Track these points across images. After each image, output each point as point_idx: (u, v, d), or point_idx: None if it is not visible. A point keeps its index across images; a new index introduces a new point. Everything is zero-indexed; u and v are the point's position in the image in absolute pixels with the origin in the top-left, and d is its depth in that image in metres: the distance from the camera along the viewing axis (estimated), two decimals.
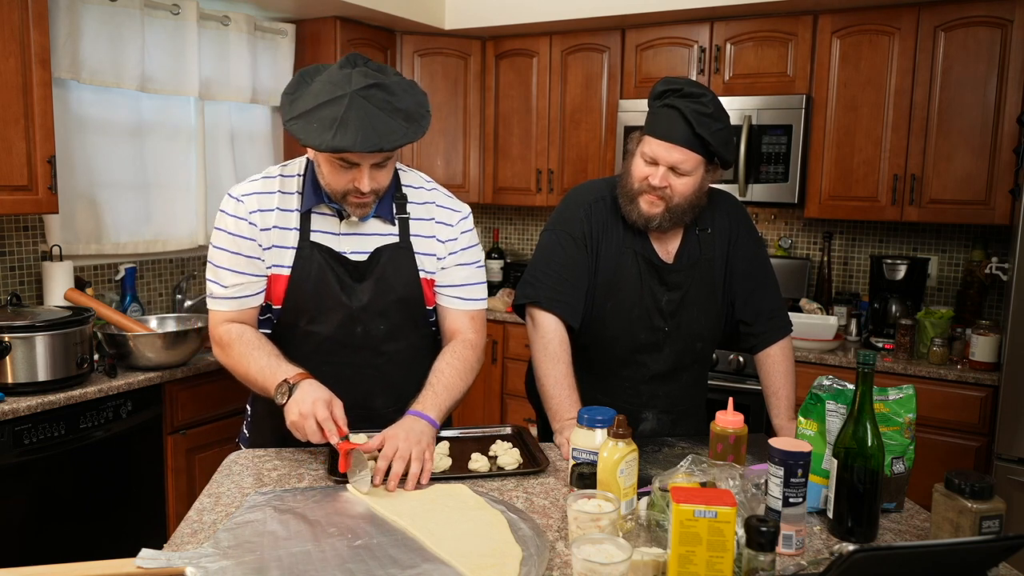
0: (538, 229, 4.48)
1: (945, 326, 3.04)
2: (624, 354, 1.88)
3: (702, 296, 1.87)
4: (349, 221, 1.66)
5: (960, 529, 1.21)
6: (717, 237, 1.88)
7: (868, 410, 1.30)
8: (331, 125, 1.44)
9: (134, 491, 2.65)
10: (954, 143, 3.05)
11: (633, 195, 1.76)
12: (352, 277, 1.66)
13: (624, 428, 1.32)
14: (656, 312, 1.84)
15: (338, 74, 1.49)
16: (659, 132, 1.69)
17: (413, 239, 1.70)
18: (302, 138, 1.47)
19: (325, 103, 1.46)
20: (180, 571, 1.14)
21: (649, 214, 1.75)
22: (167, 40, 3.15)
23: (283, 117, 1.53)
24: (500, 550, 1.20)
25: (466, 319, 1.76)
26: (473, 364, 1.72)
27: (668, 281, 1.84)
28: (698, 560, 1.08)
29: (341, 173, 1.54)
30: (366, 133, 1.44)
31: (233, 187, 1.68)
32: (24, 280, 2.90)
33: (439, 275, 1.74)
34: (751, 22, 3.38)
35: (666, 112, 1.69)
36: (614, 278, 1.83)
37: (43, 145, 2.53)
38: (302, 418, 1.44)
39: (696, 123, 1.65)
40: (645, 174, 1.72)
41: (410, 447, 1.46)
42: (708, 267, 1.87)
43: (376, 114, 1.46)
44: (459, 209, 1.77)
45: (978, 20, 2.97)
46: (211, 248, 1.67)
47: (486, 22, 3.77)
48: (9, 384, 2.32)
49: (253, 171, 3.64)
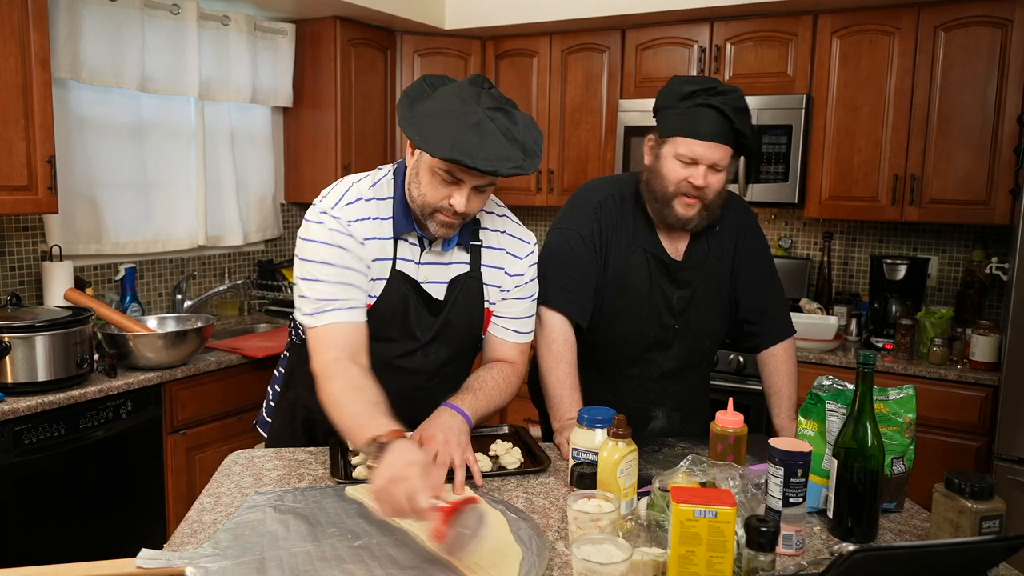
0: (538, 229, 4.47)
1: (945, 326, 3.04)
2: (634, 352, 1.87)
3: (710, 294, 1.86)
4: (430, 251, 1.61)
5: (960, 529, 1.21)
6: (725, 235, 1.87)
7: (868, 410, 1.30)
8: (453, 135, 1.39)
9: (134, 491, 2.65)
10: (954, 143, 3.05)
11: (668, 198, 1.72)
12: (430, 312, 1.62)
13: (624, 428, 1.32)
14: (666, 310, 1.83)
15: (468, 89, 1.47)
16: (702, 132, 1.66)
17: (483, 269, 1.66)
18: (420, 141, 1.42)
19: (451, 112, 1.42)
20: (180, 571, 1.14)
21: (687, 216, 1.73)
22: (167, 40, 3.15)
23: (399, 115, 1.48)
24: (500, 550, 1.20)
25: (516, 351, 1.72)
26: (514, 390, 1.69)
27: (678, 279, 1.83)
28: (698, 560, 1.08)
29: (441, 187, 1.48)
30: (487, 153, 1.39)
31: (322, 201, 1.56)
32: (24, 280, 2.90)
33: (499, 305, 1.70)
34: (751, 22, 3.38)
35: (703, 111, 1.66)
36: (624, 276, 1.82)
37: (43, 145, 2.53)
38: (392, 484, 1.19)
39: (736, 119, 1.65)
40: (683, 175, 1.69)
41: (450, 452, 1.42)
42: (716, 265, 1.86)
43: (499, 137, 1.41)
44: (528, 241, 1.71)
45: (978, 20, 2.97)
46: (306, 266, 1.53)
47: (486, 22, 3.77)
48: (9, 384, 2.32)
49: (253, 171, 3.67)
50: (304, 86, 3.71)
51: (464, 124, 1.40)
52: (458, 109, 1.42)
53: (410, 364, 1.66)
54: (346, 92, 3.64)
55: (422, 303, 1.61)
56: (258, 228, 3.74)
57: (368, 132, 3.80)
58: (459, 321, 1.65)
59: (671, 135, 1.70)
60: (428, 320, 1.62)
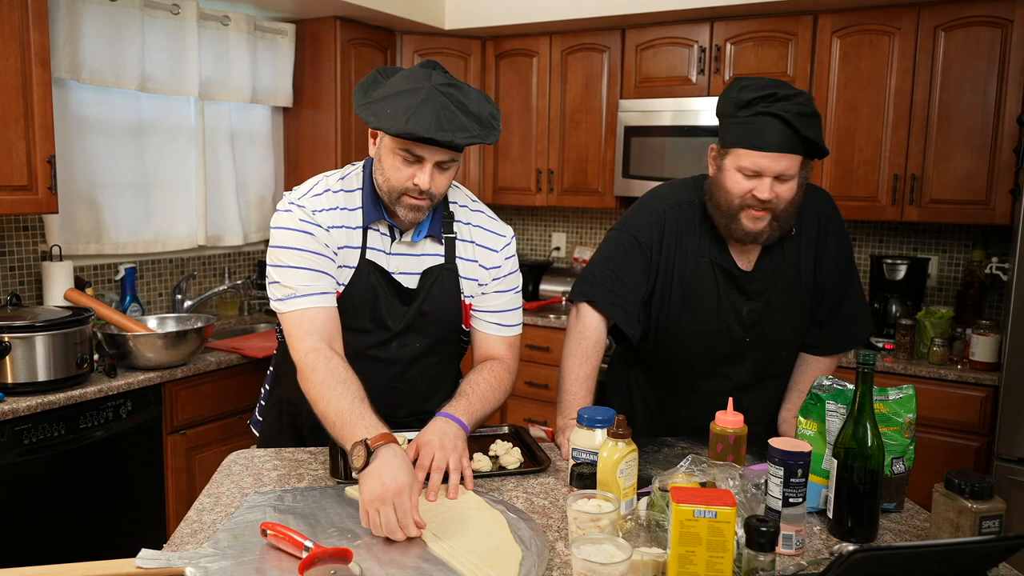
0: (538, 229, 4.48)
1: (945, 326, 3.04)
2: (703, 367, 1.79)
3: (786, 303, 1.75)
4: (400, 241, 1.64)
5: (960, 529, 1.21)
6: (804, 239, 1.75)
7: (868, 410, 1.30)
8: (406, 111, 1.43)
9: (134, 491, 2.65)
10: (954, 143, 3.05)
11: (734, 212, 1.63)
12: (401, 301, 1.64)
13: (624, 428, 1.32)
14: (736, 323, 1.74)
15: (419, 71, 1.51)
16: (766, 144, 1.55)
17: (458, 261, 1.68)
18: (374, 121, 1.46)
19: (403, 92, 1.46)
20: (180, 571, 1.14)
21: (755, 230, 1.63)
22: (167, 40, 3.15)
23: (355, 103, 1.52)
24: (500, 550, 1.20)
25: (503, 345, 1.73)
26: (507, 387, 1.70)
27: (748, 290, 1.74)
28: (698, 560, 1.08)
29: (403, 168, 1.51)
30: (440, 124, 1.43)
31: (291, 193, 1.61)
32: (24, 280, 2.90)
33: (480, 300, 1.71)
34: (751, 22, 3.38)
35: (765, 120, 1.55)
36: (691, 289, 1.73)
37: (43, 145, 2.53)
38: (380, 502, 1.24)
39: (802, 127, 1.54)
40: (747, 188, 1.59)
41: (446, 456, 1.43)
42: (793, 272, 1.75)
43: (452, 110, 1.45)
44: (503, 234, 1.74)
45: (978, 20, 2.97)
46: (275, 252, 1.57)
47: (486, 22, 3.77)
48: (9, 384, 2.32)
49: (253, 171, 3.68)
50: (304, 86, 3.71)
51: (416, 100, 1.44)
52: (410, 88, 1.46)
53: (385, 355, 1.66)
54: (346, 92, 3.64)
55: (393, 292, 1.63)
56: (258, 228, 3.74)
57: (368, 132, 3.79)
58: (434, 311, 1.66)
59: (732, 146, 1.60)
60: (399, 309, 1.64)
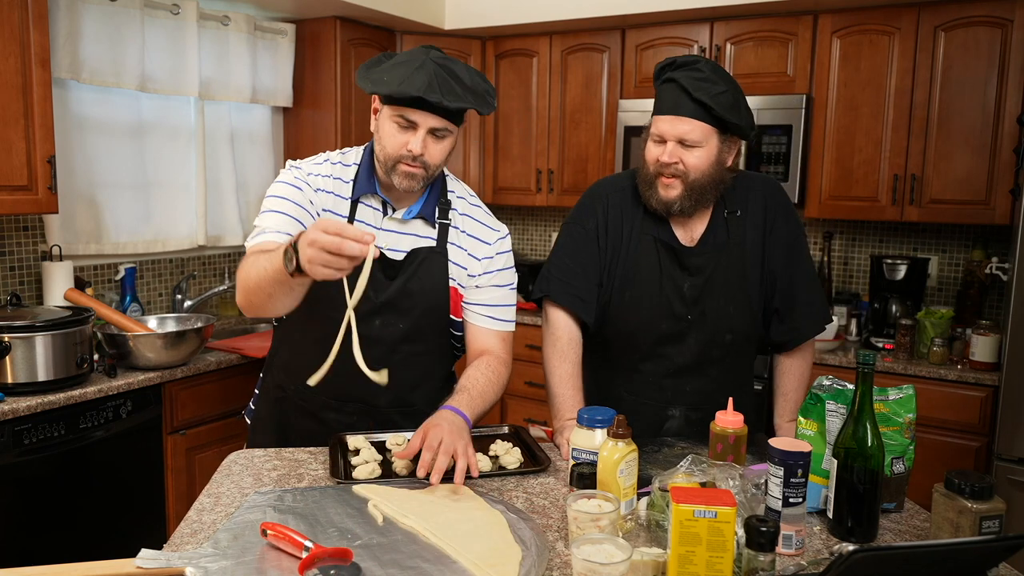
0: (538, 229, 4.48)
1: (945, 326, 3.04)
2: (646, 346, 1.80)
3: (730, 283, 1.76)
4: (391, 217, 1.68)
5: (960, 529, 1.21)
6: (749, 221, 1.78)
7: (868, 410, 1.30)
8: (402, 77, 1.51)
9: (134, 491, 2.65)
10: (954, 143, 3.05)
11: (650, 180, 1.70)
12: (384, 273, 1.66)
13: (624, 428, 1.32)
14: (678, 299, 1.75)
15: (418, 48, 1.60)
16: (663, 107, 1.66)
17: (449, 247, 1.71)
18: (370, 87, 1.54)
19: (401, 63, 1.55)
20: (180, 571, 1.14)
21: (668, 198, 1.69)
22: (167, 40, 3.15)
23: (358, 77, 1.60)
24: (500, 550, 1.20)
25: (497, 339, 1.75)
26: (504, 381, 1.71)
27: (689, 265, 1.75)
28: (698, 560, 1.08)
29: (398, 134, 1.57)
30: (431, 87, 1.50)
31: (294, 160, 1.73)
32: (24, 280, 2.90)
33: (472, 292, 1.73)
34: (751, 22, 3.38)
35: (666, 88, 1.66)
36: (633, 265, 1.77)
37: (43, 145, 2.53)
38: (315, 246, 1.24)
39: (693, 89, 1.60)
40: (656, 154, 1.68)
41: (454, 441, 1.44)
42: (737, 251, 1.76)
43: (445, 78, 1.52)
44: (498, 229, 1.78)
45: (978, 20, 2.97)
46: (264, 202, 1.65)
47: (486, 22, 3.77)
48: (9, 384, 2.32)
49: (253, 171, 3.68)
50: (304, 86, 3.71)
51: (411, 68, 1.52)
52: (408, 60, 1.56)
53: (367, 331, 1.63)
54: (346, 92, 3.65)
55: (379, 265, 1.64)
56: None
57: (368, 132, 3.78)
58: (419, 292, 1.68)
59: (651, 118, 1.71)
60: (382, 281, 1.66)
